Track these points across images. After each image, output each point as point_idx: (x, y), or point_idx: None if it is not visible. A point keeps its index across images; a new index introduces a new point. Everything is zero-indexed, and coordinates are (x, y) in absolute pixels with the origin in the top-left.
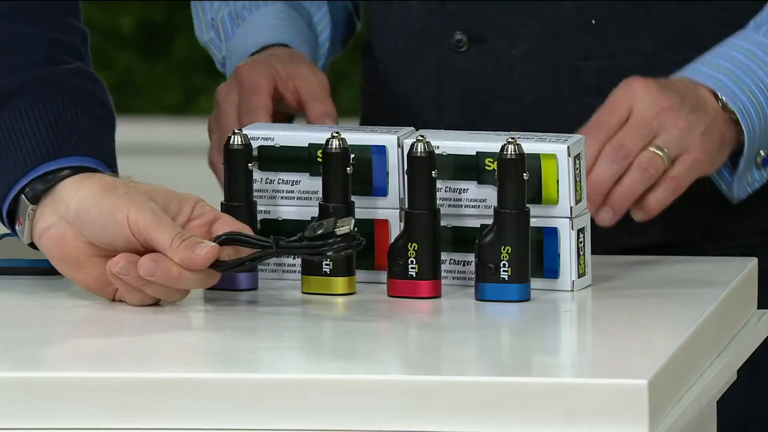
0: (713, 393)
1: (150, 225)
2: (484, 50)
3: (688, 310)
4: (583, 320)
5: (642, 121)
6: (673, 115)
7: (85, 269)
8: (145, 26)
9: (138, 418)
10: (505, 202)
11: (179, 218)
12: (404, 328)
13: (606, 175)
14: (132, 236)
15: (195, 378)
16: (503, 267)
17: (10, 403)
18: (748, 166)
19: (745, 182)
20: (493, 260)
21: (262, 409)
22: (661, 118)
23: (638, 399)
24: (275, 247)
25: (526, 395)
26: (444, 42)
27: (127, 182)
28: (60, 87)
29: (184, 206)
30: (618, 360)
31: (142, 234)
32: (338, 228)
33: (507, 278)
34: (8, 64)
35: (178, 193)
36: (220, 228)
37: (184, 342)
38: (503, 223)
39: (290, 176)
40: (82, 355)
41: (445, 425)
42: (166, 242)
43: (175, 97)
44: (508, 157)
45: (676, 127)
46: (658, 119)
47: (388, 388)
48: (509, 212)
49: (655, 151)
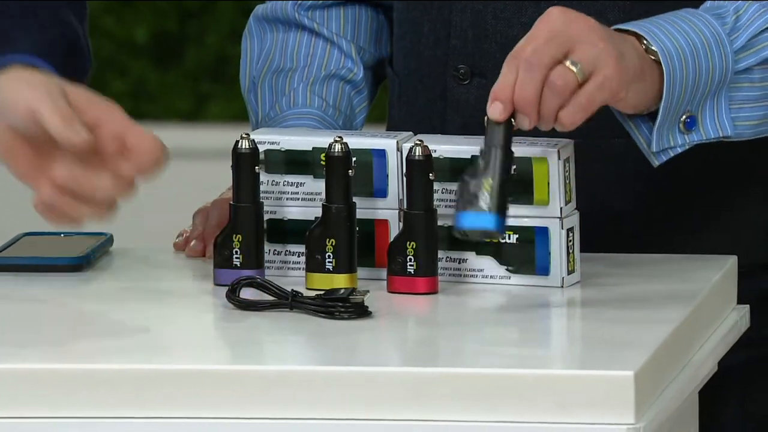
0: (695, 384)
1: (39, 104)
2: (485, 85)
3: (673, 306)
4: (572, 315)
5: (559, 31)
6: (589, 31)
7: (16, 157)
8: (158, 36)
9: (150, 408)
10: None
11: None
12: (403, 323)
13: (505, 82)
14: (28, 118)
15: (204, 369)
16: (483, 197)
17: (29, 393)
18: (670, 123)
19: (666, 141)
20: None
21: (268, 399)
22: (578, 30)
23: (625, 390)
24: (290, 299)
25: (518, 386)
26: (449, 72)
27: (48, 77)
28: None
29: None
30: (606, 353)
31: (34, 113)
32: (353, 297)
33: (487, 208)
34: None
35: (97, 99)
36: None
37: (193, 335)
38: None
39: (295, 178)
40: (96, 348)
41: (442, 414)
42: (49, 118)
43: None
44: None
45: (591, 42)
46: (575, 31)
47: (388, 379)
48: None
49: (568, 67)
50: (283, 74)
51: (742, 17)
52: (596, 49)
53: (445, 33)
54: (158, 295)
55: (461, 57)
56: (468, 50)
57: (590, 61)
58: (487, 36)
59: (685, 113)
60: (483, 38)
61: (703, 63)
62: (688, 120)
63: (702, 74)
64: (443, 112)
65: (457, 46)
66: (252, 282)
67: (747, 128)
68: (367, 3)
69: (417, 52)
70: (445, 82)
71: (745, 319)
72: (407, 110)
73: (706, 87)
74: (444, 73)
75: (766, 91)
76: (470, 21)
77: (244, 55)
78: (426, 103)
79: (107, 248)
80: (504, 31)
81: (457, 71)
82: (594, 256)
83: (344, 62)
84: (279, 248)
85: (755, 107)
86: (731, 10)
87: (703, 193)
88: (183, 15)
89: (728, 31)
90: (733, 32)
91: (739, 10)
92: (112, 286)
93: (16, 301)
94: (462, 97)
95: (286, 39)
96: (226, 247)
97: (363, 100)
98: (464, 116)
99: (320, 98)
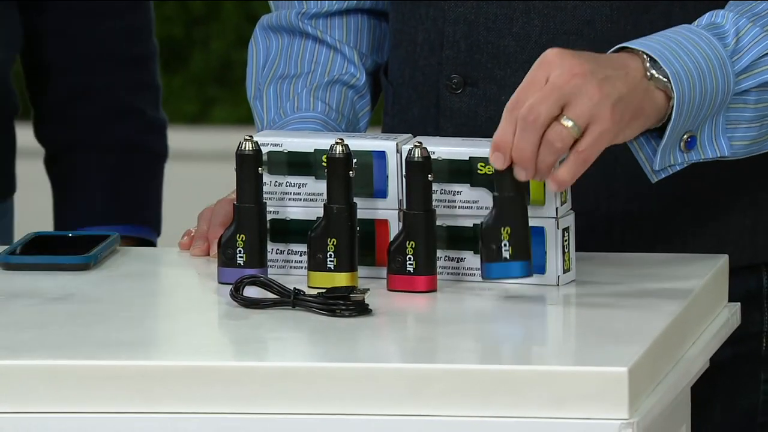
0: (688, 380)
1: None
2: (477, 94)
3: (665, 303)
4: (568, 312)
5: (555, 86)
6: (584, 82)
7: None
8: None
9: (154, 403)
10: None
11: None
12: (402, 320)
13: (505, 134)
14: None
15: (208, 366)
16: (504, 247)
17: (36, 389)
18: (673, 142)
19: (667, 160)
20: (495, 241)
21: (270, 395)
22: (573, 83)
23: (619, 385)
24: (293, 297)
25: (515, 382)
26: (442, 82)
27: None
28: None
29: None
30: (600, 349)
31: None
32: (354, 295)
33: (509, 257)
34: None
35: None
36: None
37: (197, 332)
38: (503, 207)
39: (297, 179)
40: (103, 345)
41: (440, 410)
42: None
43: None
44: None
45: (587, 95)
46: (570, 85)
47: (388, 375)
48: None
49: (563, 124)
50: (288, 80)
51: (743, 39)
52: (591, 102)
53: (438, 43)
54: (164, 293)
55: (454, 67)
56: (461, 60)
57: (586, 116)
58: (479, 47)
59: (686, 133)
60: (475, 49)
61: (709, 85)
62: (689, 140)
63: (707, 96)
64: (436, 120)
65: (450, 56)
66: (255, 280)
67: (740, 148)
68: (368, 12)
69: (412, 61)
70: (438, 91)
71: (736, 316)
72: (401, 118)
73: (709, 108)
74: (437, 82)
75: (760, 113)
76: (463, 32)
77: (250, 63)
78: (420, 111)
79: (114, 248)
80: (495, 41)
81: (450, 81)
82: (589, 255)
83: (347, 68)
84: (281, 247)
85: (749, 128)
86: (731, 32)
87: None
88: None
89: (730, 53)
90: (735, 54)
91: (740, 32)
92: (119, 285)
93: (25, 299)
94: (455, 105)
95: (290, 46)
96: (230, 246)
97: (366, 104)
98: (456, 125)
99: (324, 103)
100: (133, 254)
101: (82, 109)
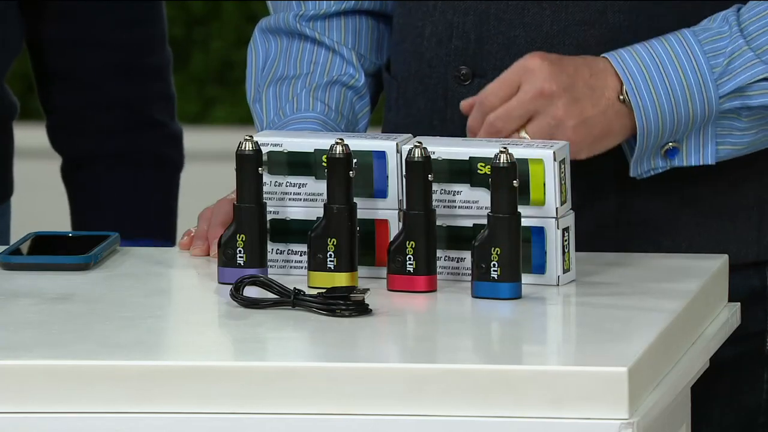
0: (688, 380)
1: None
2: (485, 85)
3: (665, 303)
4: (567, 312)
5: (521, 102)
6: (549, 103)
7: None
8: None
9: (155, 403)
10: (498, 206)
11: None
12: (402, 320)
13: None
14: None
15: (208, 365)
16: (493, 267)
17: (36, 389)
18: (647, 157)
19: (647, 165)
20: (485, 261)
21: (270, 395)
22: (539, 102)
23: (619, 385)
24: (293, 297)
25: (515, 381)
26: (450, 73)
27: None
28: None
29: None
30: (600, 349)
31: None
32: (354, 295)
33: (497, 277)
34: None
35: None
36: None
37: (197, 333)
38: (494, 227)
39: (297, 179)
40: (103, 344)
41: (440, 409)
42: None
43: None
44: (500, 165)
45: (550, 115)
46: (535, 103)
47: (388, 375)
48: (502, 216)
49: (522, 137)
50: (287, 81)
51: (735, 61)
52: (554, 122)
53: (447, 35)
54: (164, 293)
55: (463, 58)
56: (470, 51)
57: (543, 135)
58: (489, 37)
59: (668, 144)
60: (485, 40)
61: (683, 111)
62: (670, 149)
63: (681, 121)
64: (443, 112)
65: (459, 47)
66: (255, 280)
67: (731, 152)
68: (366, 13)
69: (419, 54)
70: (447, 82)
71: (736, 315)
72: (406, 112)
73: (688, 127)
74: (445, 74)
75: (753, 123)
76: (473, 23)
77: (249, 66)
78: (427, 103)
79: (114, 247)
80: (506, 32)
81: (459, 72)
82: (589, 256)
83: (346, 69)
84: (282, 247)
85: (744, 135)
86: (727, 51)
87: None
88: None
89: (716, 75)
90: (723, 76)
91: (734, 53)
92: (119, 284)
93: (25, 299)
94: (463, 97)
95: (289, 48)
96: (230, 246)
97: (365, 105)
98: (464, 116)
99: (323, 103)
100: (133, 254)
101: (102, 119)
